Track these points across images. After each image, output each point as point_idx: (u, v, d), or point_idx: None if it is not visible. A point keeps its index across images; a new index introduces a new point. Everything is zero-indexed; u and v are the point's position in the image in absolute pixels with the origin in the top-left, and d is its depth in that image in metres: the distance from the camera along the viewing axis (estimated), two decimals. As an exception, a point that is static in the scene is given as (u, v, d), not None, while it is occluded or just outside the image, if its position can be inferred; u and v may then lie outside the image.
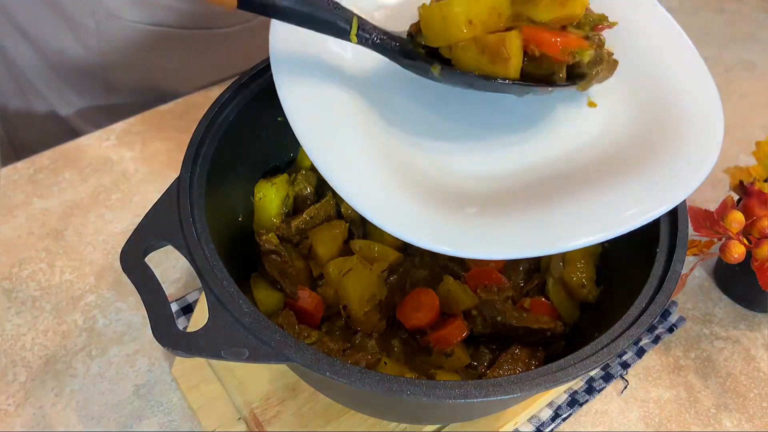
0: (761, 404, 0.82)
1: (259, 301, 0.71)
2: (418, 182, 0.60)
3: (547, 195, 0.59)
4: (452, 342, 0.70)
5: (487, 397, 0.51)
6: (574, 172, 0.62)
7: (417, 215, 0.56)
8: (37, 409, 0.77)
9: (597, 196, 0.59)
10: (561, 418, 0.79)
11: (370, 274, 0.72)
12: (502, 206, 0.58)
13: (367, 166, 0.58)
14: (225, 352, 0.52)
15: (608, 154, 0.64)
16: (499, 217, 0.57)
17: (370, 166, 0.58)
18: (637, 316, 0.58)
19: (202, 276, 0.56)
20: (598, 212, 0.57)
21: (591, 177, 0.61)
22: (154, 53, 1.04)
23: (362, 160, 0.59)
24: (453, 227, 0.55)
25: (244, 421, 0.75)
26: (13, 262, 0.89)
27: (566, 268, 0.76)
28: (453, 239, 0.54)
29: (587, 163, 0.63)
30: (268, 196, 0.76)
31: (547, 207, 0.58)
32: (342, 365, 0.51)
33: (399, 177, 0.59)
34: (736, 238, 0.78)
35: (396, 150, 0.62)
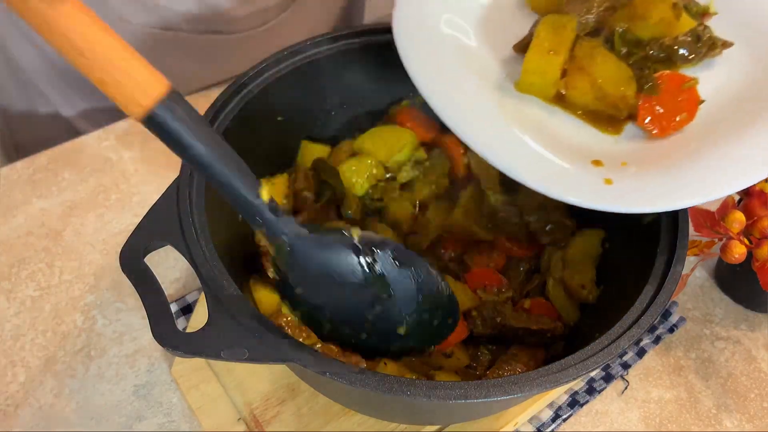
0: (762, 404, 0.82)
1: (259, 302, 0.70)
2: (551, 138, 0.64)
3: (683, 148, 0.63)
4: (451, 343, 0.69)
5: (487, 398, 0.51)
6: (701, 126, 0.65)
7: (564, 172, 0.60)
8: (36, 410, 0.77)
9: (734, 144, 0.61)
10: (561, 419, 0.79)
11: None
12: (641, 163, 0.62)
13: (499, 123, 0.63)
14: (225, 353, 0.51)
15: (731, 106, 0.66)
16: (643, 172, 0.61)
17: (501, 123, 0.63)
18: (638, 316, 0.58)
19: (202, 276, 0.56)
20: (740, 158, 0.60)
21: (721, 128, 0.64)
22: (160, 56, 1.03)
23: (492, 116, 0.63)
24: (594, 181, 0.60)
25: (243, 421, 0.74)
26: (12, 262, 0.89)
27: (566, 269, 0.76)
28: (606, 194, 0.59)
29: (712, 114, 0.66)
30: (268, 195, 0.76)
31: (687, 159, 0.61)
32: (342, 365, 0.51)
33: (531, 133, 0.64)
34: (736, 238, 0.77)
35: (523, 111, 0.67)
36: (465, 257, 0.79)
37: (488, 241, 0.79)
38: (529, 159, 0.62)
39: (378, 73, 0.84)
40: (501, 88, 0.69)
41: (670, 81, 0.66)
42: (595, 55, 0.66)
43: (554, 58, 0.65)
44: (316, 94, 0.81)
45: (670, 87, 0.66)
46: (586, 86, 0.65)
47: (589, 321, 0.72)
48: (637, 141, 0.66)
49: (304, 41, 0.77)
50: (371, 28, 0.81)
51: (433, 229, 0.79)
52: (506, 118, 0.65)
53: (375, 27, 0.81)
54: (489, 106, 0.65)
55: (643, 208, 0.59)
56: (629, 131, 0.67)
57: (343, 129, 0.86)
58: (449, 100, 0.65)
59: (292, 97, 0.78)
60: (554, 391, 0.80)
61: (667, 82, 0.66)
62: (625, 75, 0.66)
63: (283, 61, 0.75)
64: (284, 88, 0.76)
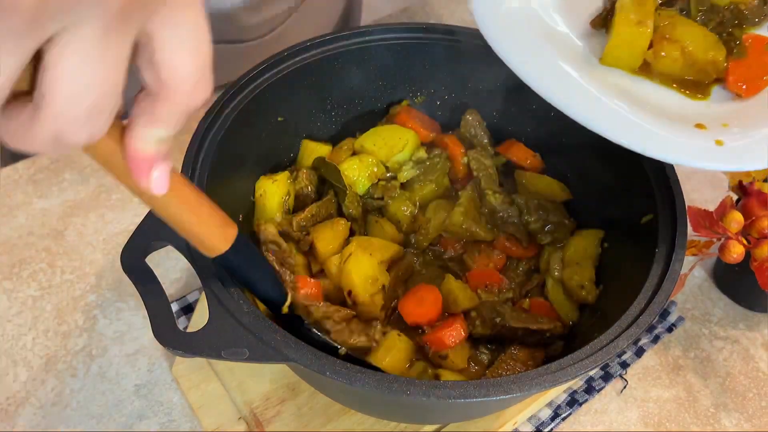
0: (760, 404, 0.82)
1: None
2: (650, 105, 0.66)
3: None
4: (447, 345, 0.70)
5: (486, 397, 0.51)
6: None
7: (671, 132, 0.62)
8: (37, 409, 0.77)
9: None
10: (560, 418, 0.79)
11: (371, 259, 0.72)
12: (741, 123, 0.64)
13: (598, 94, 0.64)
14: (225, 352, 0.52)
15: None
16: (746, 131, 0.63)
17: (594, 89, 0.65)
18: (636, 315, 0.59)
19: (202, 276, 0.56)
20: None
21: None
22: None
23: (589, 88, 0.64)
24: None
25: (244, 420, 0.75)
26: (13, 262, 0.89)
27: (565, 269, 0.76)
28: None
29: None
30: (268, 192, 0.76)
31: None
32: (342, 365, 0.52)
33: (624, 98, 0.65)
34: (735, 238, 0.78)
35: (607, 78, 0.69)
36: (465, 257, 0.79)
37: (488, 242, 0.79)
38: (641, 128, 0.63)
39: (378, 73, 0.84)
40: (586, 62, 0.70)
41: (755, 43, 0.69)
42: (676, 24, 0.68)
43: (643, 29, 0.66)
44: (316, 94, 0.82)
45: (754, 49, 0.69)
46: (676, 54, 0.67)
47: (588, 320, 0.73)
48: (726, 103, 0.69)
49: (303, 42, 0.77)
50: (370, 28, 0.81)
51: (433, 229, 0.79)
52: (602, 89, 0.66)
53: (374, 27, 0.81)
54: (583, 79, 0.66)
55: (758, 165, 0.61)
56: (714, 94, 0.69)
57: (344, 129, 0.86)
58: (548, 76, 0.66)
59: (292, 98, 0.78)
60: (553, 391, 0.80)
61: (752, 44, 0.69)
62: (712, 40, 0.68)
63: (283, 62, 0.76)
64: (284, 89, 0.76)
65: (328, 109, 0.84)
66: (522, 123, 0.87)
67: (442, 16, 1.29)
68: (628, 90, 0.68)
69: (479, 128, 0.86)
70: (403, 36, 0.82)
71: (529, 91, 0.83)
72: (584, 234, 0.79)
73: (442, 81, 0.86)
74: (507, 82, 0.84)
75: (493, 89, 0.85)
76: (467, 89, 0.87)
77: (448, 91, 0.87)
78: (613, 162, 0.76)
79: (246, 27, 1.03)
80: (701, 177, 1.06)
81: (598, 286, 0.74)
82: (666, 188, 0.68)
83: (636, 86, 0.69)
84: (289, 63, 0.76)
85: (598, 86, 0.66)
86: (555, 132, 0.82)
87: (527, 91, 0.82)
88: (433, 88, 0.87)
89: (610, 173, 0.77)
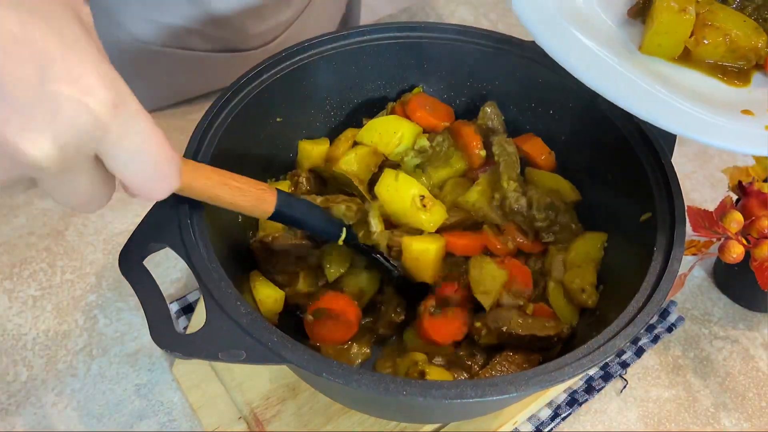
0: (760, 404, 0.82)
1: (260, 302, 0.71)
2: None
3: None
4: (438, 342, 0.70)
5: (483, 397, 0.51)
6: None
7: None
8: (38, 409, 0.77)
9: None
10: (560, 418, 0.79)
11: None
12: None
13: (645, 82, 0.65)
14: (222, 354, 0.52)
15: None
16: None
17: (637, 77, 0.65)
18: (634, 315, 0.58)
19: (200, 278, 0.56)
20: None
21: None
22: (174, 73, 1.04)
23: (635, 76, 0.65)
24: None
25: (244, 420, 0.75)
26: (14, 262, 0.89)
27: (567, 272, 0.75)
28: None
29: None
30: None
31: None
32: (339, 366, 0.52)
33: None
34: (735, 238, 0.78)
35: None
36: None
37: (497, 227, 0.79)
38: (689, 115, 0.63)
39: (377, 73, 0.84)
40: (627, 50, 0.70)
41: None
42: (716, 11, 0.68)
43: (686, 16, 0.66)
44: (315, 94, 0.82)
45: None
46: (718, 40, 0.67)
47: (586, 319, 0.73)
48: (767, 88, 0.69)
49: (302, 43, 0.77)
50: (369, 28, 0.81)
51: (447, 204, 0.79)
52: (647, 78, 0.66)
53: (373, 27, 0.81)
54: (626, 68, 0.67)
55: None
56: (755, 81, 0.69)
57: (343, 127, 0.86)
58: (594, 66, 0.66)
59: (290, 98, 0.78)
60: (553, 390, 0.80)
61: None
62: (752, 26, 0.68)
63: (282, 62, 0.76)
64: (283, 90, 0.76)
65: (327, 109, 0.84)
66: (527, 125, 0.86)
67: (443, 16, 1.29)
68: (671, 78, 0.68)
69: (497, 121, 0.85)
70: (404, 36, 0.82)
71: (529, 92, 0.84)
72: (587, 237, 0.78)
73: (443, 81, 0.86)
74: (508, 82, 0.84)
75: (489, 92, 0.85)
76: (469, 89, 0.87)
77: (448, 91, 0.87)
78: (612, 159, 0.76)
79: (251, 35, 1.03)
80: (701, 177, 1.06)
81: (597, 287, 0.74)
82: (665, 185, 0.68)
83: (677, 74, 0.69)
84: (287, 63, 0.76)
85: (642, 74, 0.66)
86: (565, 130, 0.82)
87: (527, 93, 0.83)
88: (432, 88, 0.87)
89: (609, 170, 0.77)
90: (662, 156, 0.70)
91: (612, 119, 0.75)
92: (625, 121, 0.74)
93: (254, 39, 1.05)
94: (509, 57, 0.82)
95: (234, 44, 1.03)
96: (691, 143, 1.09)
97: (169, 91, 1.08)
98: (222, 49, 1.03)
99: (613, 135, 0.75)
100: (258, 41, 1.06)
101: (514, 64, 0.82)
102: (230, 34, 1.01)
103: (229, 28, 1.00)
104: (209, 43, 1.01)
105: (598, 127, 0.77)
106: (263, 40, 1.06)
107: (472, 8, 1.32)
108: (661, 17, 0.67)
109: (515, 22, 1.28)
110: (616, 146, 0.75)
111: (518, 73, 0.82)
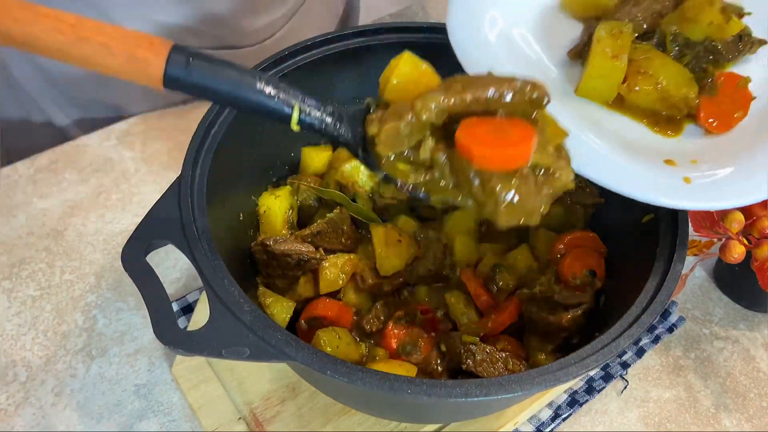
0: (761, 404, 0.82)
1: (272, 315, 0.71)
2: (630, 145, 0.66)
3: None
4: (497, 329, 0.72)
5: (487, 396, 0.51)
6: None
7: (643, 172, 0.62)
8: (37, 409, 0.77)
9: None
10: (561, 418, 0.79)
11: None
12: (709, 160, 0.65)
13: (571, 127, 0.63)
14: (226, 351, 0.52)
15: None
16: (714, 169, 0.63)
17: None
18: (638, 315, 0.58)
19: (203, 274, 0.56)
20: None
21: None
22: None
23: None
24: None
25: (244, 420, 0.75)
26: (13, 262, 0.89)
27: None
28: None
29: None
30: (272, 208, 0.77)
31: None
32: (342, 364, 0.51)
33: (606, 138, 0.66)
34: (735, 238, 0.78)
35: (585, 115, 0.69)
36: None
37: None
38: (607, 162, 0.63)
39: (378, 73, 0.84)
40: (563, 92, 0.70)
41: (727, 80, 0.69)
42: (652, 58, 0.68)
43: (618, 63, 0.66)
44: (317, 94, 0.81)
45: (726, 86, 0.69)
46: (650, 89, 0.67)
47: (589, 319, 0.72)
48: (697, 139, 0.69)
49: (303, 42, 0.77)
50: (370, 28, 0.81)
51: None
52: (575, 120, 0.66)
53: (374, 27, 0.81)
54: (557, 108, 0.66)
55: (723, 205, 0.62)
56: (687, 130, 0.70)
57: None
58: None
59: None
60: (554, 391, 0.80)
61: (724, 82, 0.69)
62: (686, 76, 0.68)
63: (284, 61, 0.76)
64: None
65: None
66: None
67: (443, 16, 1.29)
68: (601, 123, 0.68)
69: None
70: (404, 36, 0.82)
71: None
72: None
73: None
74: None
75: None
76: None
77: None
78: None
79: (246, 32, 1.03)
80: (701, 177, 1.06)
81: (599, 287, 0.74)
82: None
83: (609, 119, 0.69)
84: (289, 63, 0.76)
85: (572, 118, 0.65)
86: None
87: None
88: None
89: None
90: (664, 156, 0.70)
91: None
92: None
93: (250, 36, 1.04)
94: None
95: (230, 42, 1.03)
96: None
97: (167, 91, 1.08)
98: (218, 47, 1.02)
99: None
100: (253, 39, 1.05)
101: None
102: (226, 32, 1.01)
103: (224, 26, 0.99)
104: (205, 41, 1.00)
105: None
106: (258, 38, 1.06)
107: (471, 10, 1.32)
108: (594, 61, 0.67)
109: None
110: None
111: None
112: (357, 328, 0.74)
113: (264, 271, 0.75)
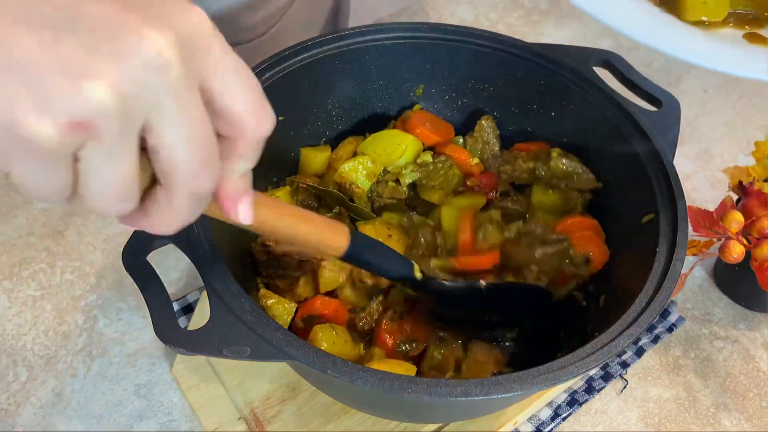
0: (760, 404, 0.83)
1: (275, 318, 0.70)
2: None
3: None
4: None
5: (488, 395, 0.51)
6: None
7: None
8: (37, 409, 0.77)
9: None
10: (561, 418, 0.79)
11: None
12: None
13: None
14: (227, 351, 0.52)
15: None
16: None
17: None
18: (637, 315, 0.59)
19: (204, 273, 0.56)
20: None
21: None
22: None
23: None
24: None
25: (244, 420, 0.75)
26: (13, 262, 0.89)
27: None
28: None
29: None
30: None
31: None
32: (343, 363, 0.52)
33: None
34: (735, 238, 0.78)
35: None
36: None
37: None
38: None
39: (379, 72, 0.84)
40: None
41: None
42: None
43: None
44: (318, 94, 0.82)
45: None
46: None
47: (588, 319, 0.73)
48: None
49: (304, 42, 0.77)
50: (370, 28, 0.81)
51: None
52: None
53: (374, 27, 0.81)
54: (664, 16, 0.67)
55: None
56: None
57: (349, 130, 0.86)
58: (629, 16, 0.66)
59: (293, 98, 0.78)
60: (553, 390, 0.80)
61: None
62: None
63: (285, 61, 0.76)
64: (285, 89, 0.76)
65: (329, 109, 0.84)
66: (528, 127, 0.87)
67: (443, 16, 1.29)
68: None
69: (492, 135, 0.86)
70: (406, 36, 0.82)
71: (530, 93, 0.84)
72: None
73: (445, 82, 0.86)
74: (509, 84, 0.84)
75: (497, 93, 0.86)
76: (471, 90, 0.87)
77: (450, 91, 0.87)
78: (614, 160, 0.76)
79: (243, 28, 1.03)
80: (701, 177, 1.06)
81: (598, 288, 0.74)
82: (667, 187, 0.68)
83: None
84: (290, 62, 0.76)
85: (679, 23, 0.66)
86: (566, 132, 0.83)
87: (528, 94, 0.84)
88: (434, 89, 0.87)
89: (611, 172, 0.78)
90: (664, 157, 0.70)
91: (614, 120, 0.75)
92: (627, 123, 0.74)
93: (246, 32, 1.04)
94: (510, 58, 0.82)
95: (228, 39, 1.03)
96: (692, 143, 1.09)
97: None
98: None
99: (614, 136, 0.75)
100: (249, 34, 1.05)
101: (516, 65, 0.82)
102: (223, 29, 1.00)
103: (222, 22, 0.99)
104: None
105: (599, 129, 0.77)
106: (254, 33, 1.05)
107: (472, 8, 1.32)
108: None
109: (515, 22, 1.29)
110: (618, 147, 0.75)
111: (519, 74, 0.82)
112: (351, 327, 0.75)
113: (265, 271, 0.75)
